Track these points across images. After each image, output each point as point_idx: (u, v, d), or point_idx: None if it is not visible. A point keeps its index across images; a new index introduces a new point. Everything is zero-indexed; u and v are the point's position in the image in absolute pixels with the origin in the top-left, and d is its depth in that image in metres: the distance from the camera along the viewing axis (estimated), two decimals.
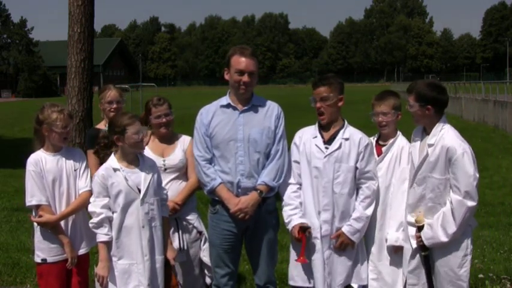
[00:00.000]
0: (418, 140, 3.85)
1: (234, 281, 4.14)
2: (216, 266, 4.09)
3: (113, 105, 4.59)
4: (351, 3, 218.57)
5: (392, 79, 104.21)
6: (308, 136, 3.96)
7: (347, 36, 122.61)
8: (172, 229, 4.24)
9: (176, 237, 4.26)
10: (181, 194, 4.25)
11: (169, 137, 4.40)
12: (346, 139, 3.88)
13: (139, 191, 3.76)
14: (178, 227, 4.30)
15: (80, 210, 3.92)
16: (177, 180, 4.32)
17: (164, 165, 4.27)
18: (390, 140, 3.99)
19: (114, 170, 3.77)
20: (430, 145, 3.70)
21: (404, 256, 3.86)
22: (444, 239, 3.63)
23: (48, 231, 3.88)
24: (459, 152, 3.60)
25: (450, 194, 3.64)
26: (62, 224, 3.91)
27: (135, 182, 3.77)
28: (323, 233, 3.87)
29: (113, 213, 3.75)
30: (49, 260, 3.89)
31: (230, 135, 3.93)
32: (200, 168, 4.00)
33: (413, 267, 3.80)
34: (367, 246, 4.02)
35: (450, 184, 3.65)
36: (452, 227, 3.61)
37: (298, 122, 5.53)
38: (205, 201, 7.01)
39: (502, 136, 18.28)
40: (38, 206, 3.84)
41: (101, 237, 3.74)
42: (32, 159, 3.85)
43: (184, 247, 4.29)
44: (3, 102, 54.67)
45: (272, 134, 3.97)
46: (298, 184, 3.97)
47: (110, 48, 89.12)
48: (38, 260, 3.93)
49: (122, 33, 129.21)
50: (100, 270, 3.74)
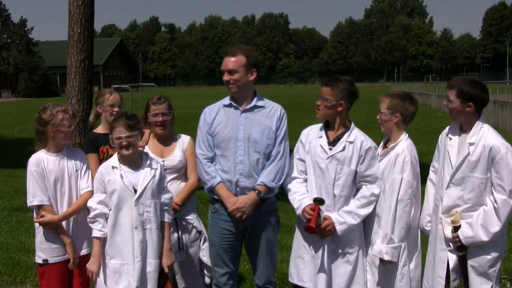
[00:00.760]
0: (455, 138, 3.77)
1: (234, 280, 4.13)
2: (215, 265, 4.10)
3: (114, 109, 4.58)
4: (351, 3, 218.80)
5: (392, 79, 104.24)
6: (314, 135, 3.95)
7: (347, 36, 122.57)
8: (171, 229, 4.24)
9: (175, 237, 4.26)
10: (180, 195, 4.25)
11: (168, 137, 4.40)
12: (351, 142, 3.84)
13: (135, 191, 3.76)
14: (178, 226, 4.30)
15: (82, 210, 3.92)
16: (177, 180, 4.32)
17: (164, 165, 4.27)
18: (392, 144, 3.93)
19: (113, 167, 3.79)
20: (471, 144, 3.63)
21: (436, 261, 3.78)
22: (485, 238, 3.58)
23: (50, 232, 3.88)
24: (503, 151, 3.57)
25: (493, 193, 3.59)
26: (64, 225, 3.91)
27: (132, 182, 3.77)
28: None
29: (109, 210, 3.77)
30: (50, 261, 3.89)
31: (231, 134, 3.95)
32: (201, 166, 4.03)
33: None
34: (366, 246, 3.99)
35: (492, 183, 3.60)
36: (495, 227, 3.57)
37: (299, 122, 5.54)
38: (205, 201, 7.00)
39: (503, 136, 18.26)
40: (39, 206, 3.84)
41: (94, 233, 3.76)
42: (34, 160, 3.85)
43: (183, 247, 4.29)
44: (3, 102, 54.64)
45: (273, 135, 3.97)
46: (303, 179, 3.95)
47: (110, 48, 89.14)
48: (39, 261, 3.93)
49: (122, 33, 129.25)
50: (90, 265, 3.75)
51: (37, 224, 3.91)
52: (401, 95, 4.05)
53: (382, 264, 3.84)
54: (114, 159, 3.84)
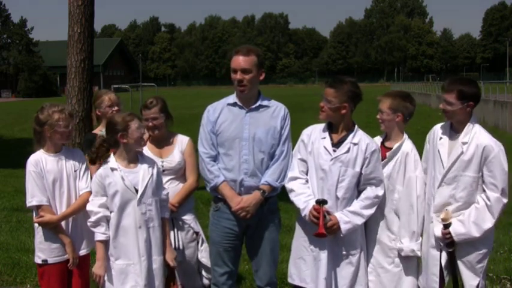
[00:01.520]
0: (445, 138, 3.81)
1: (233, 280, 4.11)
2: (215, 264, 4.07)
3: (114, 108, 4.61)
4: (351, 3, 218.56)
5: (392, 79, 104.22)
6: (317, 135, 3.90)
7: (347, 36, 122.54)
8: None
9: (172, 236, 4.25)
10: (177, 196, 4.25)
11: (165, 138, 4.39)
12: (355, 144, 3.81)
13: (136, 191, 3.76)
14: (174, 226, 4.29)
15: (81, 210, 3.91)
16: (175, 181, 4.32)
17: (162, 166, 4.27)
18: (396, 144, 3.93)
19: (112, 169, 3.78)
20: (464, 143, 3.68)
21: (429, 259, 3.82)
22: (477, 235, 3.65)
23: (49, 232, 3.87)
24: (496, 150, 3.63)
25: (485, 191, 3.65)
26: (63, 225, 3.90)
27: (133, 182, 3.77)
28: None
29: (110, 213, 3.76)
30: (50, 261, 3.88)
31: (236, 134, 3.94)
32: (204, 165, 4.00)
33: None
34: (367, 248, 3.99)
35: (485, 182, 3.66)
36: (488, 224, 3.65)
37: (299, 122, 5.52)
38: (206, 200, 7.00)
39: (502, 136, 18.24)
40: (38, 207, 3.83)
41: (98, 236, 3.75)
42: (32, 160, 3.85)
43: (180, 247, 4.28)
44: (3, 102, 54.65)
45: (277, 135, 3.97)
46: (306, 180, 3.92)
47: (110, 48, 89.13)
48: (38, 261, 3.93)
49: (122, 33, 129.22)
50: (97, 269, 3.75)
51: (36, 224, 3.90)
52: (401, 94, 4.07)
53: (405, 260, 3.87)
54: (111, 161, 3.82)
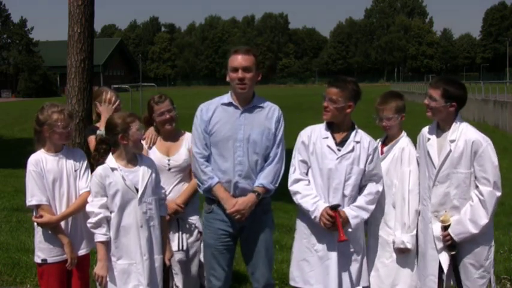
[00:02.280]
0: (433, 138, 3.85)
1: (228, 284, 4.06)
2: (210, 267, 4.02)
3: (113, 105, 4.60)
4: (351, 3, 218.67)
5: (392, 79, 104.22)
6: (317, 136, 3.90)
7: (347, 36, 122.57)
8: (173, 229, 4.23)
9: (176, 237, 4.25)
10: (182, 195, 4.23)
11: (174, 134, 4.38)
12: (357, 142, 3.86)
13: (137, 190, 3.76)
14: (179, 227, 4.28)
15: (81, 210, 3.90)
16: (181, 179, 4.31)
17: (169, 164, 4.25)
18: (394, 141, 4.02)
19: (112, 169, 3.76)
20: (452, 141, 3.73)
21: (428, 260, 3.84)
22: (474, 231, 3.68)
23: (48, 232, 3.87)
24: (485, 144, 3.68)
25: (479, 187, 3.68)
26: (62, 225, 3.89)
27: (133, 182, 3.76)
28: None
29: (110, 213, 3.75)
30: (49, 261, 3.88)
31: (230, 134, 3.91)
32: (198, 165, 3.95)
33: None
34: (370, 245, 4.03)
35: (476, 177, 3.70)
36: (484, 219, 3.67)
37: (299, 122, 5.53)
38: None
39: (502, 136, 18.29)
40: (38, 206, 3.83)
41: (99, 237, 3.74)
42: (33, 159, 3.85)
43: (184, 247, 4.27)
44: (3, 102, 54.65)
45: (272, 136, 3.95)
46: (308, 181, 3.91)
47: (110, 48, 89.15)
48: (38, 261, 3.92)
49: (122, 33, 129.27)
50: (99, 270, 3.74)
51: (36, 224, 3.90)
52: (399, 95, 4.17)
53: (399, 253, 3.91)
54: (111, 161, 3.80)
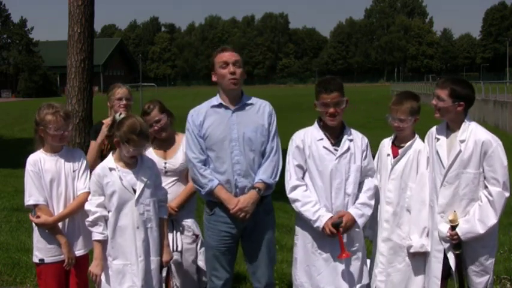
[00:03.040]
0: (442, 138, 3.84)
1: (229, 285, 4.07)
2: (212, 268, 4.01)
3: (122, 102, 4.63)
4: (351, 3, 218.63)
5: (392, 79, 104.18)
6: (311, 139, 3.89)
7: (347, 36, 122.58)
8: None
9: (170, 238, 4.23)
10: (178, 198, 4.23)
11: (169, 139, 4.39)
12: (351, 140, 3.88)
13: (134, 191, 3.75)
14: (174, 228, 4.28)
15: (79, 211, 3.90)
16: (177, 183, 4.31)
17: (165, 167, 4.26)
18: (407, 142, 3.97)
19: (110, 169, 3.76)
20: (462, 141, 3.72)
21: (432, 261, 3.84)
22: (482, 231, 3.68)
23: (46, 232, 3.86)
24: (495, 145, 3.68)
25: (488, 187, 3.68)
26: (60, 225, 3.88)
27: (131, 183, 3.76)
28: None
29: (108, 212, 3.75)
30: (46, 261, 3.87)
31: (225, 135, 3.89)
32: (196, 170, 3.91)
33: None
34: (374, 246, 4.02)
35: (486, 177, 3.69)
36: (492, 220, 3.68)
37: (298, 122, 5.53)
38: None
39: (503, 136, 18.22)
40: (36, 206, 3.82)
41: (95, 236, 3.75)
42: (31, 159, 3.84)
43: (178, 248, 4.26)
44: (3, 102, 54.65)
45: (266, 132, 3.95)
46: (305, 185, 3.90)
47: (110, 48, 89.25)
48: (36, 260, 3.92)
49: (122, 33, 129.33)
50: (93, 268, 3.75)
51: (34, 224, 3.90)
52: (415, 96, 4.07)
53: (413, 257, 3.89)
54: (110, 161, 3.80)
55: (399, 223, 3.93)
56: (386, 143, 4.08)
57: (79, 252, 3.95)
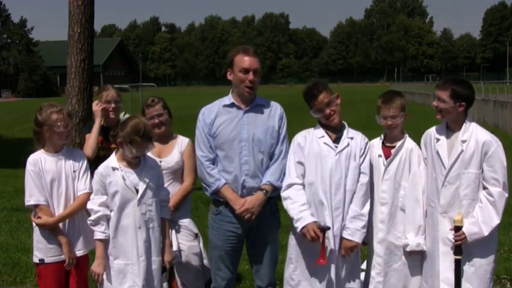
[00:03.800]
0: (442, 138, 3.84)
1: (233, 283, 4.09)
2: (217, 268, 4.03)
3: (111, 105, 4.61)
4: (351, 3, 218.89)
5: (392, 79, 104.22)
6: (312, 137, 3.92)
7: (347, 36, 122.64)
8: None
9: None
10: (173, 198, 4.22)
11: (166, 136, 4.39)
12: (351, 138, 3.90)
13: (136, 191, 3.75)
14: (171, 228, 4.28)
15: (79, 212, 3.90)
16: (172, 182, 4.31)
17: (160, 166, 4.26)
18: (398, 142, 3.96)
19: (113, 169, 3.76)
20: (464, 141, 3.73)
21: (429, 261, 3.84)
22: (486, 233, 3.67)
23: (46, 232, 3.86)
24: (495, 145, 3.69)
25: (488, 187, 3.68)
26: (60, 225, 3.88)
27: (133, 182, 3.76)
28: (335, 232, 3.81)
29: (110, 212, 3.76)
30: (46, 261, 3.87)
31: (234, 135, 3.90)
32: (203, 168, 3.94)
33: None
34: (370, 248, 4.00)
35: (485, 178, 3.69)
36: (495, 220, 3.67)
37: (298, 122, 5.52)
38: (206, 201, 6.99)
39: (503, 136, 18.20)
40: (36, 206, 3.82)
41: (97, 235, 3.75)
42: (32, 159, 3.84)
43: (174, 248, 4.25)
44: (3, 102, 54.65)
45: (276, 134, 3.96)
46: (302, 184, 3.91)
47: (110, 48, 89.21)
48: (36, 260, 3.92)
49: (122, 33, 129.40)
50: (95, 267, 3.75)
51: (34, 224, 3.90)
52: (400, 93, 4.14)
53: (409, 256, 3.89)
54: (113, 160, 3.81)
55: (394, 223, 3.92)
56: (376, 143, 4.06)
57: (79, 252, 3.95)
